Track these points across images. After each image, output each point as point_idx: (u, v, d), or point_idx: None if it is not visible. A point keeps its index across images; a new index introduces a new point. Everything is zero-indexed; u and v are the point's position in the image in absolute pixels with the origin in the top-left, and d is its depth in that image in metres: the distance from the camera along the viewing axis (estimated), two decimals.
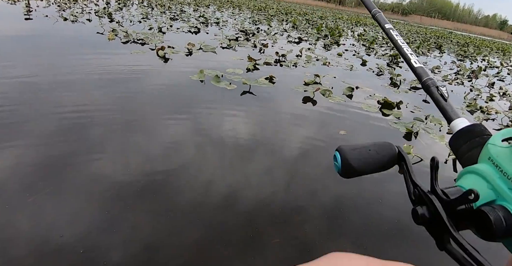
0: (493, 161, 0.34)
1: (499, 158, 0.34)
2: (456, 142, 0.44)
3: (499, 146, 0.35)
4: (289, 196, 2.03)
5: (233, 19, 11.97)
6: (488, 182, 0.33)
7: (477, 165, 0.36)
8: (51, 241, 1.44)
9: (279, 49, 6.58)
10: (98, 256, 1.40)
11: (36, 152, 2.07)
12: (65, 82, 3.33)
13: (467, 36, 39.18)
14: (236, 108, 3.36)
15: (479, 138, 0.42)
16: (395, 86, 5.39)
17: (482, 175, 0.34)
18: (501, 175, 0.33)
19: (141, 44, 5.43)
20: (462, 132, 0.44)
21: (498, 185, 0.32)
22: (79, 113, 2.69)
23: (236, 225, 1.72)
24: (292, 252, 1.58)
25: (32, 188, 1.74)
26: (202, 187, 1.99)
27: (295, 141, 2.80)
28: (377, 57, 8.33)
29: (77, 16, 7.19)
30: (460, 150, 0.43)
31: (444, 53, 12.80)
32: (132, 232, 1.56)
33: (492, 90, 6.62)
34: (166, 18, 9.13)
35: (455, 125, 0.46)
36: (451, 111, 0.48)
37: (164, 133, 2.59)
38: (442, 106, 0.50)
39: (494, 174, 0.33)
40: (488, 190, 0.33)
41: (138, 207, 1.73)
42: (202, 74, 4.09)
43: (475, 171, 0.35)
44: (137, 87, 3.49)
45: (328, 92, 4.21)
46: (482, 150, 0.37)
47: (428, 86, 0.53)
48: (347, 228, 1.82)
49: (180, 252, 1.49)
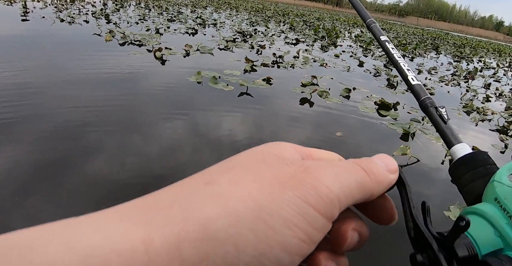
0: (500, 203, 0.29)
1: (507, 201, 0.29)
2: (456, 171, 0.40)
3: (506, 186, 0.30)
4: None
5: (230, 20, 11.99)
6: (495, 228, 0.28)
7: (482, 205, 0.31)
8: None
9: (276, 51, 6.60)
10: None
11: (31, 153, 2.06)
12: (62, 83, 3.33)
13: (463, 37, 39.41)
14: (234, 109, 3.36)
15: (482, 168, 0.38)
16: (392, 87, 5.41)
17: (487, 218, 0.29)
18: (510, 221, 0.28)
19: (138, 46, 5.43)
20: (463, 160, 0.40)
21: (507, 233, 0.28)
22: (76, 114, 2.68)
23: None
24: None
25: (28, 188, 1.74)
26: None
27: (292, 142, 2.81)
28: (374, 58, 8.36)
29: (74, 18, 7.17)
30: (462, 180, 0.39)
31: (440, 54, 12.87)
32: None
33: (488, 91, 6.66)
34: (164, 19, 9.13)
35: (455, 152, 0.42)
36: (451, 135, 0.44)
37: (162, 134, 2.59)
38: (441, 129, 0.45)
39: (502, 219, 0.28)
40: (494, 237, 0.28)
41: None
42: (200, 75, 4.09)
43: (479, 212, 0.30)
44: (135, 89, 3.49)
45: (325, 93, 4.22)
46: (487, 187, 0.32)
47: (426, 106, 0.48)
48: None
49: None
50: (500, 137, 3.84)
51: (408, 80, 0.51)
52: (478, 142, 3.48)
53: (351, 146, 2.99)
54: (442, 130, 0.45)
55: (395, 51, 0.56)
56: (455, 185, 0.40)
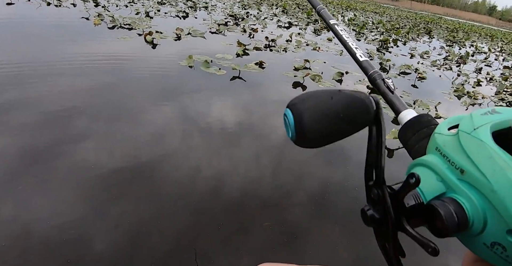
0: (440, 151, 0.32)
1: (446, 147, 0.31)
2: (404, 134, 0.42)
3: (445, 135, 0.32)
4: (275, 180, 2.06)
5: (222, 3, 11.75)
6: (437, 173, 0.31)
7: (425, 156, 0.33)
8: (40, 228, 1.44)
9: (269, 34, 6.52)
10: (86, 241, 1.41)
11: (20, 141, 2.04)
12: (50, 68, 3.26)
13: (456, 22, 39.27)
14: (226, 93, 3.34)
15: (426, 128, 0.40)
16: (384, 71, 5.41)
17: (430, 166, 0.32)
18: (449, 165, 0.30)
19: (128, 29, 5.31)
20: (410, 123, 0.42)
21: (447, 176, 0.30)
22: (65, 100, 2.64)
23: (227, 208, 1.74)
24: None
25: (19, 176, 1.73)
26: (192, 173, 2.00)
27: (281, 128, 2.82)
28: (367, 42, 8.32)
29: (61, 1, 6.97)
30: (409, 142, 0.41)
31: (433, 38, 12.84)
32: (121, 218, 1.57)
33: (479, 75, 6.70)
34: (154, 2, 8.92)
35: (402, 117, 0.44)
36: (399, 103, 0.47)
37: (153, 119, 2.57)
38: (389, 98, 0.48)
39: (442, 164, 0.31)
40: (437, 182, 0.31)
41: (127, 194, 1.73)
42: (191, 59, 4.04)
43: (423, 162, 0.33)
44: (125, 73, 3.44)
45: (318, 77, 4.21)
46: (430, 140, 0.35)
47: (374, 79, 0.52)
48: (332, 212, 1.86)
49: (171, 235, 1.51)
50: None
51: (356, 57, 0.55)
52: None
53: None
54: (390, 100, 0.48)
55: (344, 33, 0.59)
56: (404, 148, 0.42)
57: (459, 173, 0.29)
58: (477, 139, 0.28)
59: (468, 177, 0.28)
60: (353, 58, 0.56)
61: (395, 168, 2.31)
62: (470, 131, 0.29)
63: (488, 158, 0.27)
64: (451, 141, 0.31)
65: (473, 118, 0.30)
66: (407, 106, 0.46)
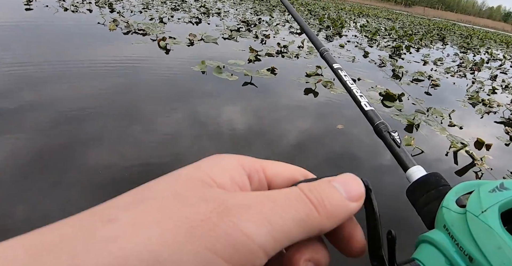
0: (448, 230, 0.29)
1: (454, 228, 0.29)
2: (412, 194, 0.40)
3: (453, 211, 0.30)
4: None
5: (234, 9, 11.86)
6: (445, 255, 0.28)
7: (432, 233, 0.31)
8: None
9: (281, 40, 6.54)
10: None
11: (35, 142, 2.08)
12: (66, 72, 3.33)
13: (470, 28, 38.81)
14: (238, 99, 3.36)
15: (434, 190, 0.37)
16: (397, 78, 5.37)
17: (437, 247, 0.29)
18: (458, 249, 0.28)
19: (142, 35, 5.40)
20: (417, 183, 0.40)
21: (456, 262, 0.27)
22: (80, 103, 2.69)
23: None
24: None
25: (31, 178, 1.76)
26: None
27: (291, 134, 2.82)
28: (379, 48, 8.28)
29: (77, 6, 7.13)
30: (417, 203, 0.38)
31: (447, 45, 12.71)
32: None
33: (494, 82, 6.60)
34: (167, 8, 9.05)
35: (411, 174, 0.42)
36: (406, 158, 0.44)
37: (166, 123, 2.60)
38: (396, 152, 0.46)
39: (450, 247, 0.28)
40: (445, 265, 0.28)
41: None
42: (204, 65, 4.07)
43: (431, 241, 0.30)
44: (139, 78, 3.49)
45: (329, 83, 4.20)
46: (438, 213, 0.32)
47: (380, 131, 0.49)
48: None
49: None
50: (506, 129, 3.81)
51: (361, 106, 0.53)
52: (483, 134, 3.46)
53: (352, 139, 2.99)
54: (397, 154, 0.45)
55: (348, 78, 0.58)
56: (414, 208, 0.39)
57: (468, 261, 0.27)
58: (485, 225, 0.26)
59: None
60: (358, 106, 0.54)
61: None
62: (477, 213, 0.27)
63: (497, 248, 0.25)
64: (458, 221, 0.29)
65: (481, 197, 0.28)
66: (415, 162, 0.44)
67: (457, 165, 2.78)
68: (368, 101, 0.54)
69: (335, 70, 0.60)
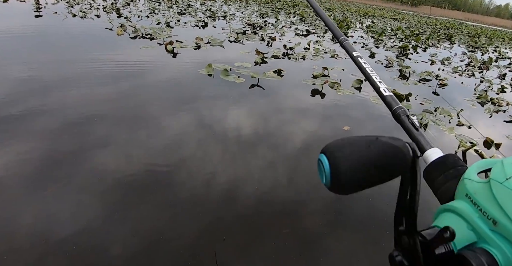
0: (470, 198, 0.31)
1: (477, 196, 0.30)
2: (430, 174, 0.41)
3: (475, 181, 0.32)
4: (290, 188, 2.07)
5: (240, 12, 11.93)
6: (468, 222, 0.30)
7: (454, 202, 0.32)
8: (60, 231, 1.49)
9: (287, 42, 6.56)
10: (102, 246, 1.45)
11: (45, 146, 2.13)
12: (75, 77, 3.39)
13: (478, 27, 38.41)
14: (245, 101, 3.38)
15: (453, 169, 0.39)
16: (404, 78, 5.35)
17: (460, 214, 0.31)
18: (481, 214, 0.29)
19: (149, 39, 5.46)
20: (435, 163, 0.41)
21: (479, 226, 0.29)
22: (89, 107, 2.74)
23: (243, 215, 1.76)
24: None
25: (42, 181, 1.80)
26: (213, 178, 2.03)
27: (297, 136, 2.83)
28: (386, 49, 8.25)
29: (85, 12, 7.24)
30: (435, 183, 0.40)
31: (454, 44, 12.61)
32: (137, 224, 1.61)
33: (503, 81, 6.53)
34: (174, 12, 9.14)
35: (428, 156, 0.43)
36: (423, 141, 0.46)
37: (174, 126, 2.63)
38: (414, 136, 0.47)
39: (473, 213, 0.30)
40: (468, 231, 0.30)
41: (148, 199, 1.78)
42: (211, 68, 4.11)
43: (453, 209, 0.32)
44: (147, 82, 3.53)
45: (336, 84, 4.21)
46: (458, 185, 0.34)
47: (398, 115, 0.51)
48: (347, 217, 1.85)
49: (187, 242, 1.54)
50: None
51: (380, 91, 0.55)
52: (492, 133, 3.43)
53: None
54: (415, 137, 0.47)
55: (367, 66, 0.60)
56: (430, 188, 0.40)
57: (492, 224, 0.28)
58: (509, 190, 0.28)
59: (501, 229, 0.27)
60: (376, 92, 0.56)
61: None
62: (502, 180, 0.29)
63: None
64: (482, 189, 0.30)
65: (505, 166, 0.30)
66: (432, 144, 0.45)
67: (466, 163, 2.76)
68: (387, 87, 0.55)
69: (354, 58, 0.63)
